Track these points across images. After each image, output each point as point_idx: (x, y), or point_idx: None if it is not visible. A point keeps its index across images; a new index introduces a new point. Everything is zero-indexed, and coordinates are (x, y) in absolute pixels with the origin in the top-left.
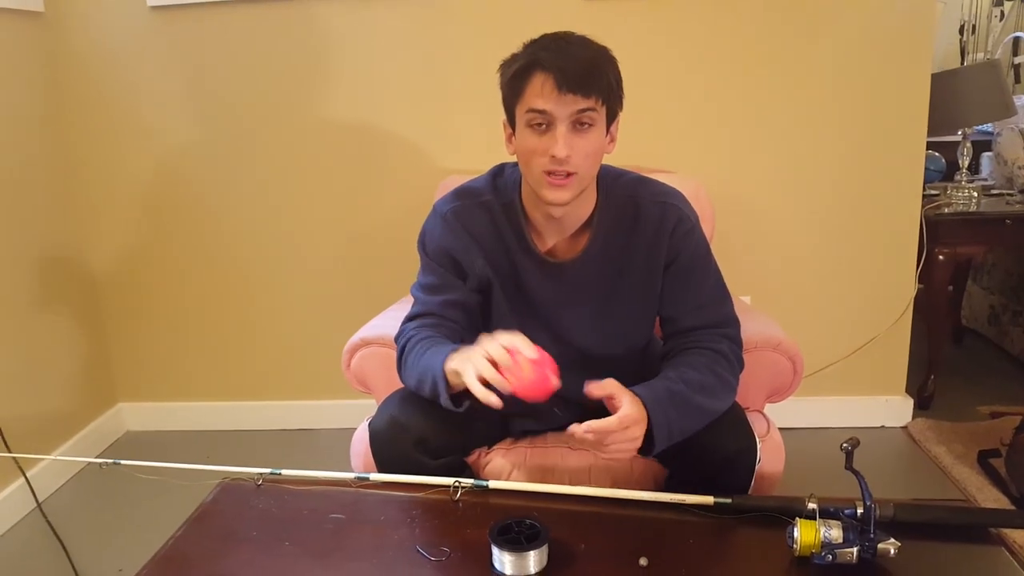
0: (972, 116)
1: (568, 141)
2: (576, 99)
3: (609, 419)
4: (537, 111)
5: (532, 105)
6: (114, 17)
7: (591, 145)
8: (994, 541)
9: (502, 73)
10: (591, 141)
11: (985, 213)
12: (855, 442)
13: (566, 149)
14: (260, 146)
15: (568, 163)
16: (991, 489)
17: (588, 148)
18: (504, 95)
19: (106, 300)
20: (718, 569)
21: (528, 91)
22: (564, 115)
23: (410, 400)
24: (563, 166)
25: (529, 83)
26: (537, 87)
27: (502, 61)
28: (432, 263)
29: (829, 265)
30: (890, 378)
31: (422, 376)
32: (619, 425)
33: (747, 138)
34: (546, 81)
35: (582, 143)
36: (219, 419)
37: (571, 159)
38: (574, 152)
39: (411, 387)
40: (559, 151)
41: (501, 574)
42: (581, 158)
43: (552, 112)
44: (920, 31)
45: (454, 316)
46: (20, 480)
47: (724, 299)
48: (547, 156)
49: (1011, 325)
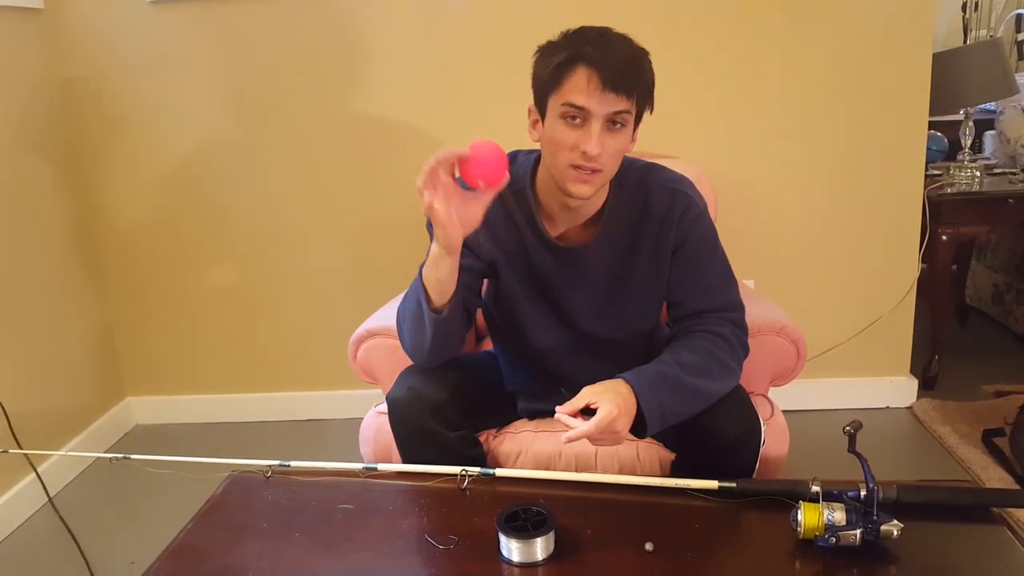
0: (974, 95)
1: (601, 139)
2: (617, 99)
3: (586, 425)
4: (575, 106)
5: (571, 100)
6: (114, 12)
7: (620, 144)
8: (997, 521)
9: (540, 59)
10: (620, 141)
11: (988, 192)
12: (857, 425)
13: (599, 147)
14: (266, 139)
15: (597, 161)
16: (996, 468)
17: (617, 147)
18: (540, 82)
19: (113, 295)
20: (723, 552)
21: (568, 84)
22: (601, 113)
23: (426, 372)
24: (591, 163)
25: (571, 76)
26: (581, 82)
27: (539, 46)
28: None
29: (832, 247)
30: (894, 359)
31: (413, 311)
32: (596, 429)
33: (749, 122)
34: (591, 77)
35: (612, 142)
36: (227, 411)
37: (600, 157)
38: (604, 150)
39: (412, 344)
40: (592, 148)
41: (509, 561)
42: (608, 156)
43: (590, 109)
44: (921, 11)
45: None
46: (31, 476)
47: (730, 284)
48: (577, 151)
49: (1015, 304)
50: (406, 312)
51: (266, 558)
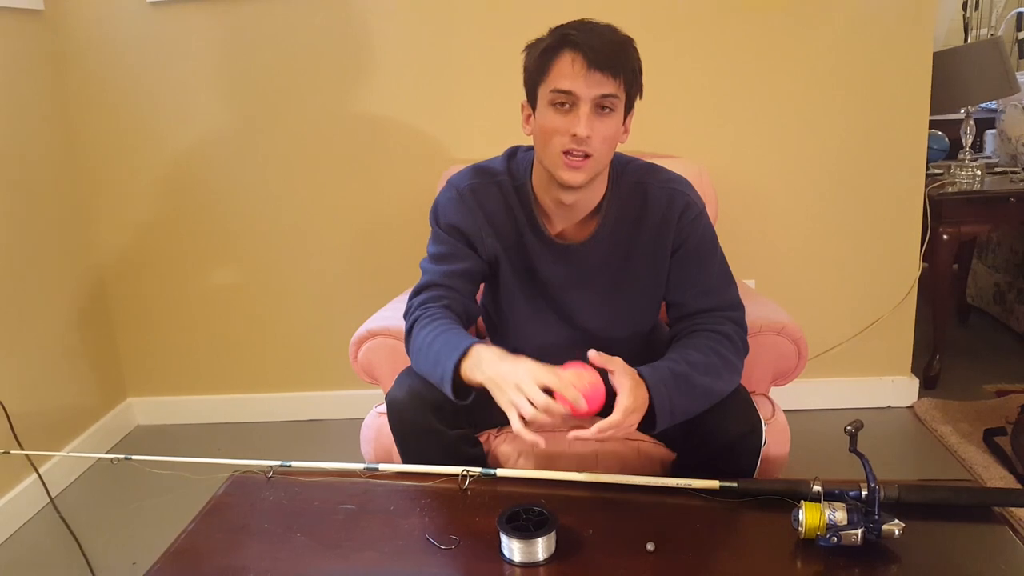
0: (975, 94)
1: (590, 122)
2: (603, 79)
3: (613, 417)
4: (563, 91)
5: (558, 85)
6: (114, 13)
7: (609, 130)
8: (998, 520)
9: (528, 53)
10: (610, 126)
11: (989, 191)
12: (858, 425)
13: (587, 129)
14: (264, 140)
15: (587, 144)
16: (997, 467)
17: (606, 132)
18: (529, 74)
19: (113, 296)
20: (724, 552)
21: (554, 70)
22: (588, 97)
23: None
24: (582, 146)
25: (557, 61)
26: (566, 65)
27: (527, 43)
28: (443, 234)
29: (833, 247)
30: (895, 358)
31: (431, 369)
32: (623, 419)
33: (749, 121)
34: (576, 59)
35: (602, 126)
36: (228, 412)
37: (591, 140)
38: (594, 134)
39: (419, 371)
40: (581, 130)
41: (510, 561)
42: (599, 141)
43: (577, 93)
44: (922, 10)
45: (459, 286)
46: (33, 477)
47: (729, 284)
48: (567, 136)
49: (1016, 303)
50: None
51: (267, 558)
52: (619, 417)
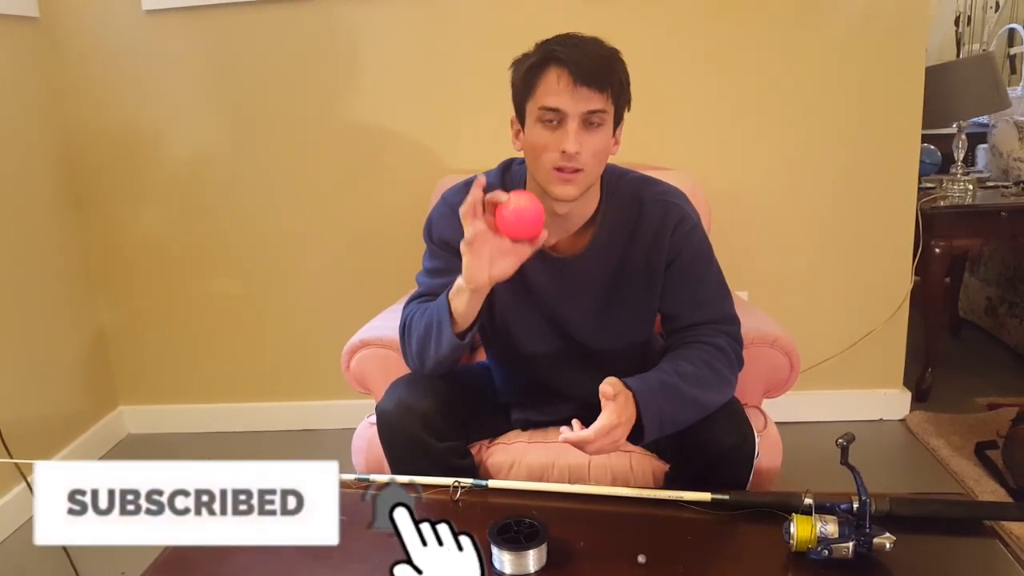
0: (967, 109)
1: (578, 137)
2: (590, 94)
3: (586, 432)
4: (550, 108)
5: (545, 103)
6: (109, 21)
7: (599, 144)
8: (989, 534)
9: (515, 69)
10: (599, 140)
11: (981, 205)
12: (850, 438)
13: (576, 145)
14: (258, 148)
15: (577, 159)
16: (988, 481)
17: (596, 146)
18: (516, 90)
19: (105, 304)
20: (716, 565)
21: (541, 87)
22: (576, 112)
23: (416, 383)
24: (572, 162)
25: (543, 78)
26: (552, 82)
27: (514, 59)
28: (436, 249)
29: (825, 259)
30: (887, 371)
31: (428, 323)
32: (596, 436)
33: (742, 134)
34: (561, 75)
35: (591, 141)
36: (220, 421)
37: (580, 155)
38: (583, 148)
39: (415, 353)
40: (570, 146)
41: (501, 573)
42: (589, 155)
43: (564, 109)
44: (914, 25)
45: None
46: (21, 485)
47: (725, 297)
48: (557, 152)
49: (1008, 317)
50: (419, 323)
51: (257, 570)
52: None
